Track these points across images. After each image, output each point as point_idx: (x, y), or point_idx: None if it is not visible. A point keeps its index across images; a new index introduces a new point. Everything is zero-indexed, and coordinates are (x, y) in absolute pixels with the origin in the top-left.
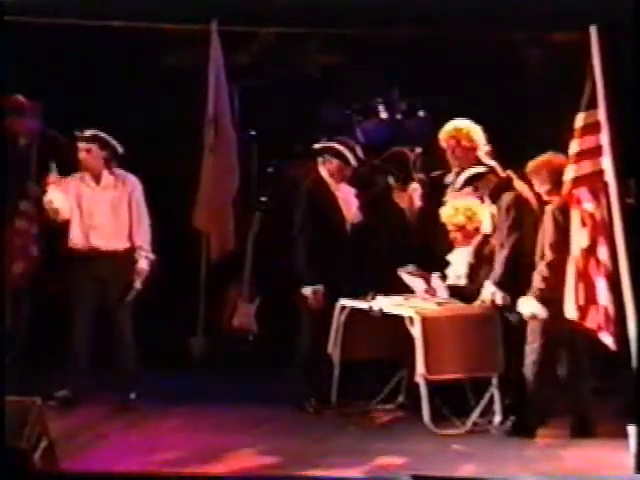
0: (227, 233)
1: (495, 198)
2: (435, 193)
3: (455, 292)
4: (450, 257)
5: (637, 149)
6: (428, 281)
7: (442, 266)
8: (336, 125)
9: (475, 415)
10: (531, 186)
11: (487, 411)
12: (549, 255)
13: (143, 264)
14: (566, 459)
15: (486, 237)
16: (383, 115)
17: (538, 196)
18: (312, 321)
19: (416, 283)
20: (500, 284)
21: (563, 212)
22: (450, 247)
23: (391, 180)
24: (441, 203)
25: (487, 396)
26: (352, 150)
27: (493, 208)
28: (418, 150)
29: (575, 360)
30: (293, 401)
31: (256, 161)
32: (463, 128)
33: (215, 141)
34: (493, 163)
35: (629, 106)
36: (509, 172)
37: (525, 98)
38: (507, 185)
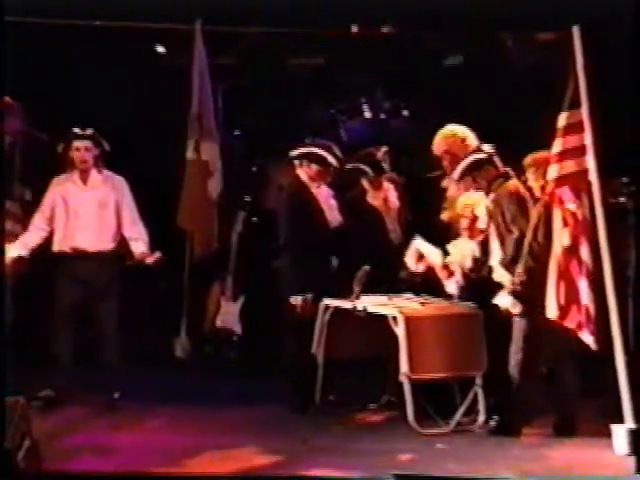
0: (211, 232)
1: (494, 189)
2: (429, 194)
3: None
4: (450, 247)
5: (633, 149)
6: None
7: None
8: (320, 125)
9: (459, 414)
10: (524, 180)
11: (471, 410)
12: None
13: (141, 247)
14: (551, 458)
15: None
16: (367, 115)
17: (530, 190)
18: (297, 322)
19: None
20: (509, 266)
21: (549, 210)
22: (438, 244)
23: (365, 182)
24: (436, 204)
25: (471, 395)
26: (331, 152)
27: (488, 202)
28: (384, 149)
29: (557, 360)
30: (277, 401)
31: (240, 161)
32: (458, 134)
33: (199, 140)
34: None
35: (623, 106)
36: (507, 168)
37: (509, 98)
38: (506, 178)
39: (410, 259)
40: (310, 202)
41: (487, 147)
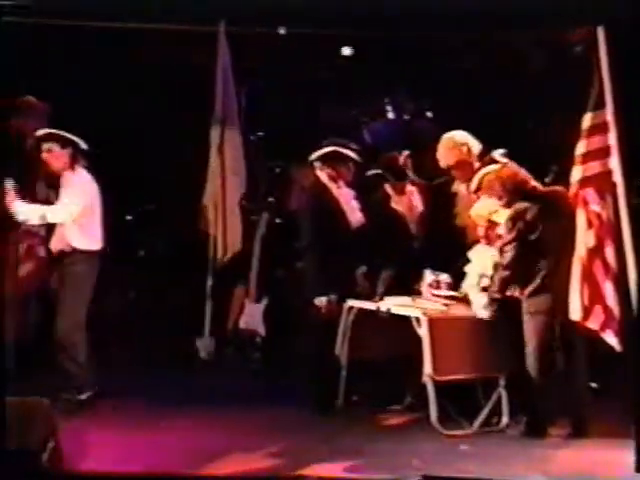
0: (234, 234)
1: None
2: (440, 199)
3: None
4: (471, 254)
5: None
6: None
7: (451, 268)
8: (343, 126)
9: (483, 416)
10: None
11: (495, 412)
12: (510, 260)
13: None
14: (573, 459)
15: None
16: (390, 116)
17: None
18: (321, 324)
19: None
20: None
21: (521, 219)
22: (458, 249)
23: (387, 188)
24: (449, 210)
25: (495, 397)
26: (349, 150)
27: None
28: (406, 153)
29: (572, 361)
30: (300, 402)
31: (263, 162)
32: (461, 143)
33: (222, 142)
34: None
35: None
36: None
37: (529, 99)
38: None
39: (425, 289)
40: (331, 203)
41: (497, 153)
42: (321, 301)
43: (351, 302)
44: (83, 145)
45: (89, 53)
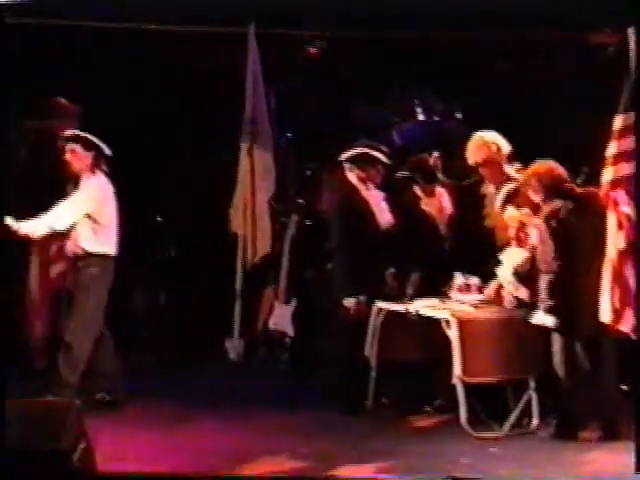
0: (264, 235)
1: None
2: (469, 200)
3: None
4: (503, 257)
5: None
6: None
7: (482, 270)
8: (373, 128)
9: (513, 418)
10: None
11: (525, 414)
12: (553, 265)
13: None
14: (604, 461)
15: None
16: (420, 117)
17: (537, 206)
18: (350, 325)
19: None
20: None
21: (557, 219)
22: (487, 251)
23: (417, 189)
24: (478, 211)
25: (525, 399)
26: (379, 152)
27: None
28: (436, 154)
29: (600, 362)
30: (329, 404)
31: (293, 163)
32: (491, 143)
33: (252, 144)
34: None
35: None
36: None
37: (560, 100)
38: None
39: (455, 292)
40: (360, 204)
41: (514, 166)
42: (350, 302)
43: (380, 304)
44: (107, 150)
45: (118, 55)
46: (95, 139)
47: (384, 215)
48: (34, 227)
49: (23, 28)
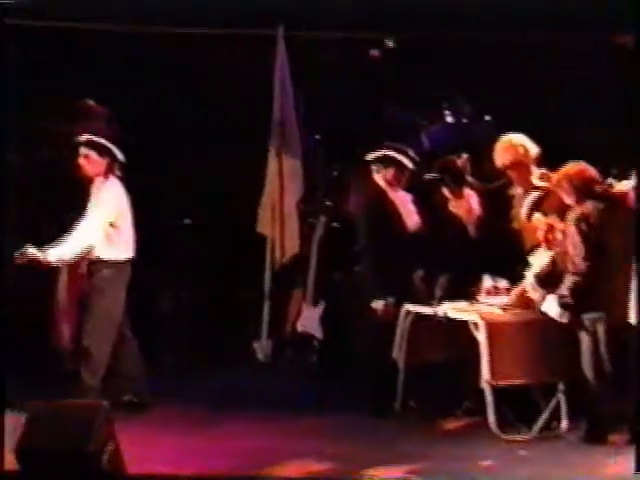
0: (292, 237)
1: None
2: (498, 202)
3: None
4: (532, 259)
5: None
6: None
7: (510, 272)
8: (401, 130)
9: (542, 421)
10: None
11: (554, 417)
12: (582, 266)
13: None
14: (631, 465)
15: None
16: (449, 119)
17: (566, 209)
18: (377, 327)
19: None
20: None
21: (587, 221)
22: (516, 253)
23: (445, 191)
24: (506, 214)
25: (554, 401)
26: (405, 155)
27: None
28: (465, 156)
29: (629, 366)
30: (357, 406)
31: (321, 165)
32: (519, 145)
33: (280, 146)
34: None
35: None
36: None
37: (590, 101)
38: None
39: (483, 295)
40: (388, 207)
41: (540, 171)
42: (378, 304)
43: (408, 306)
44: (120, 156)
45: (152, 58)
46: (110, 145)
47: (412, 217)
48: (62, 253)
49: (48, 31)
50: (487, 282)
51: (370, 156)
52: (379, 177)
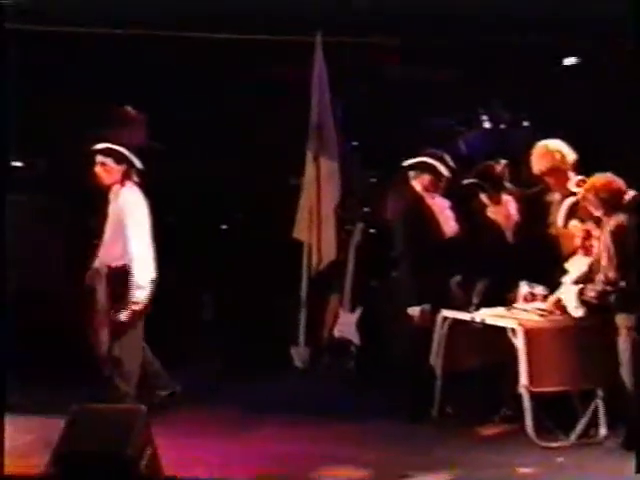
0: (329, 243)
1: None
2: (535, 208)
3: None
4: (568, 265)
5: None
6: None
7: (547, 278)
8: (439, 136)
9: (580, 427)
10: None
11: (593, 423)
12: (613, 276)
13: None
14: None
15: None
16: (486, 125)
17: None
18: (414, 333)
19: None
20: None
21: (622, 233)
22: (553, 259)
23: (483, 197)
24: (543, 220)
25: (592, 408)
26: (442, 161)
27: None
28: (503, 162)
29: None
30: (394, 412)
31: (358, 171)
32: (556, 151)
33: (318, 152)
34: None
35: None
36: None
37: (628, 108)
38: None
39: (520, 301)
40: (425, 213)
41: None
42: (415, 311)
43: (446, 312)
44: (138, 164)
45: (187, 65)
46: (127, 152)
47: (449, 223)
48: (145, 287)
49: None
50: (524, 288)
51: (407, 162)
52: (416, 183)
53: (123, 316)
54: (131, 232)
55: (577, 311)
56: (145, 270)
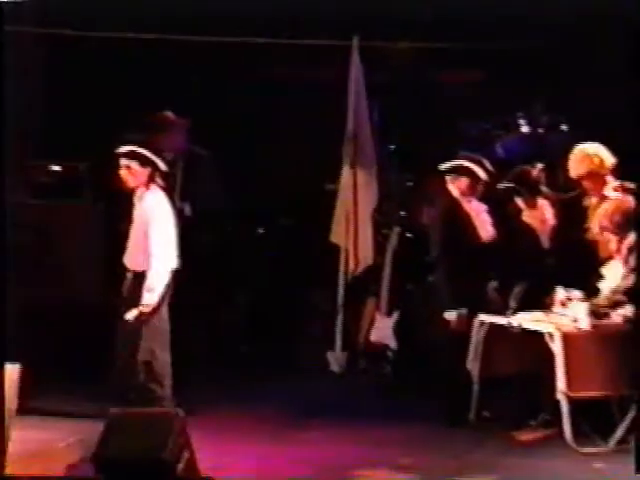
0: (366, 248)
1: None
2: (572, 212)
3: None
4: (604, 270)
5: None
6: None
7: (584, 283)
8: (475, 140)
9: (619, 433)
10: None
11: (632, 429)
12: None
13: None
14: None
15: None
16: (524, 129)
17: None
18: (451, 338)
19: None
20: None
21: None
22: (590, 264)
23: (519, 201)
24: (580, 224)
25: (631, 413)
26: (480, 165)
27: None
28: (539, 166)
29: None
30: (431, 416)
31: (395, 176)
32: (594, 155)
33: (355, 156)
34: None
35: None
36: None
37: None
38: None
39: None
40: (462, 217)
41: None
42: (451, 315)
43: (482, 317)
44: (162, 166)
45: (221, 70)
46: (151, 155)
47: (485, 227)
48: (157, 292)
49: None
50: (560, 294)
51: (444, 166)
52: (453, 187)
53: (130, 315)
54: (153, 236)
55: (585, 323)
56: (159, 274)
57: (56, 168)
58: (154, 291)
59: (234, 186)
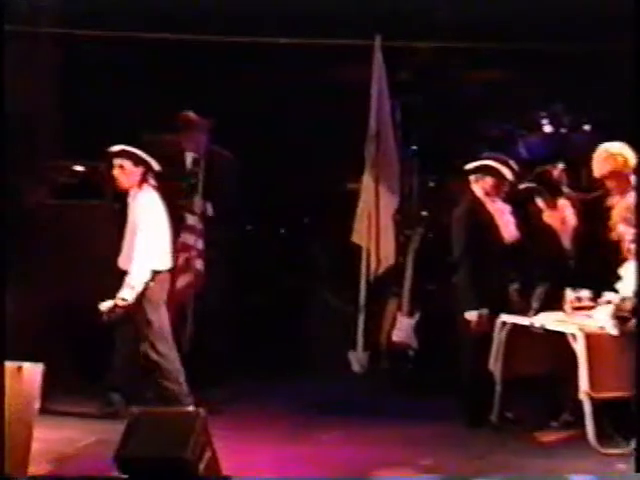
0: (387, 248)
1: None
2: (595, 212)
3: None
4: (622, 271)
5: None
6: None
7: (607, 283)
8: (498, 139)
9: None
10: None
11: None
12: None
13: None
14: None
15: None
16: (547, 129)
17: None
18: (473, 338)
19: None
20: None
21: None
22: (612, 264)
23: (539, 201)
24: (604, 224)
25: None
26: (506, 165)
27: None
28: (561, 166)
29: None
30: (453, 417)
31: (417, 176)
32: (618, 154)
33: (377, 156)
34: None
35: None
36: None
37: None
38: None
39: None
40: (485, 217)
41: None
42: (472, 315)
43: (504, 317)
44: (156, 166)
45: (243, 69)
46: (144, 154)
47: (509, 228)
48: (135, 287)
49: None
50: (569, 294)
51: (469, 166)
52: (477, 187)
53: (103, 306)
54: (138, 234)
55: (614, 329)
56: (139, 272)
57: (78, 168)
58: (133, 288)
59: (256, 186)
